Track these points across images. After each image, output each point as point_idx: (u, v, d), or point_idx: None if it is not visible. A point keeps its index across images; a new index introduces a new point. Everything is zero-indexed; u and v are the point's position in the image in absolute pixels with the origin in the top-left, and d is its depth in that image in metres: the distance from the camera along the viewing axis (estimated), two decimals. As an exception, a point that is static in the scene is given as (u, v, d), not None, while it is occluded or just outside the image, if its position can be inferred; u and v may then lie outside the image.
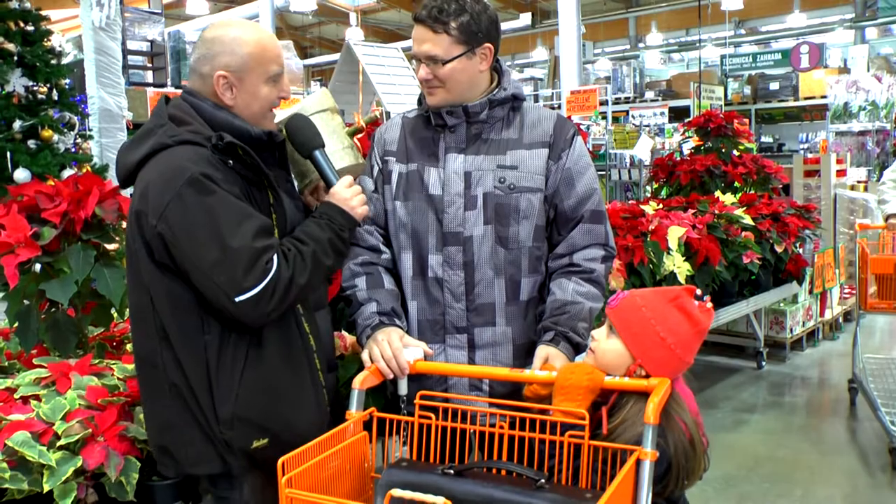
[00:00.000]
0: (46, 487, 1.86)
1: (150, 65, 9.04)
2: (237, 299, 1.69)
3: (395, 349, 1.91)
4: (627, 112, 14.32)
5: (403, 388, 1.88)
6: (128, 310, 2.02)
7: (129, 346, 2.70)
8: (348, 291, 2.10)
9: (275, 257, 1.73)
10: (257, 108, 1.90)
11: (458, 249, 2.03)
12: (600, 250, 2.09)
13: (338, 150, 2.02)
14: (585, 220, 2.08)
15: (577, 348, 1.96)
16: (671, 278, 4.08)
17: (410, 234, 2.07)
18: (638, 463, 1.51)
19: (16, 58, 4.14)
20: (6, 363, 2.52)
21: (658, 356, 1.69)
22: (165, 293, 1.78)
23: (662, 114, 13.70)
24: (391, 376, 1.90)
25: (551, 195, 2.07)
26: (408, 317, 2.09)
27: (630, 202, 5.11)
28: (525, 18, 17.27)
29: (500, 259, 2.03)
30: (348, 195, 1.94)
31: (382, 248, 2.13)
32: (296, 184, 2.11)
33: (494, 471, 1.60)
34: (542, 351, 1.94)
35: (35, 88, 4.24)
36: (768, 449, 4.29)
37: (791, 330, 5.95)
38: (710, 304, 1.74)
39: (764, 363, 5.73)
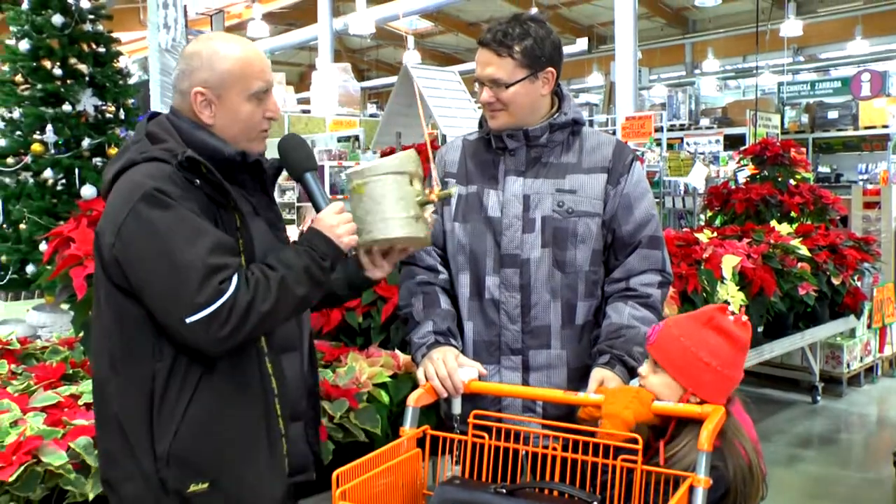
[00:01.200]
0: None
1: (210, 86, 9.27)
2: (187, 320, 1.54)
3: (450, 368, 1.91)
4: (682, 139, 14.18)
5: (457, 408, 1.89)
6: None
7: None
8: (405, 310, 2.12)
9: (234, 278, 1.58)
10: (239, 128, 1.76)
11: (515, 272, 2.04)
12: (657, 276, 2.09)
13: (399, 217, 1.83)
14: (643, 246, 2.08)
15: (632, 372, 1.95)
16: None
17: (468, 256, 2.09)
18: (691, 489, 1.50)
19: (87, 78, 4.30)
20: (71, 371, 2.60)
21: (707, 381, 1.68)
22: (120, 316, 1.65)
23: (717, 141, 13.53)
24: (445, 395, 1.91)
25: (609, 220, 2.08)
26: (463, 337, 2.10)
27: (684, 230, 5.06)
28: (581, 43, 17.28)
29: (556, 282, 2.04)
30: (335, 222, 1.74)
31: (440, 268, 2.15)
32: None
33: (546, 492, 1.60)
34: (598, 374, 1.93)
35: (104, 108, 4.40)
36: (822, 486, 4.18)
37: (848, 365, 5.80)
38: (745, 318, 1.73)
39: (819, 398, 5.60)
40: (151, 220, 1.58)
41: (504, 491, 1.57)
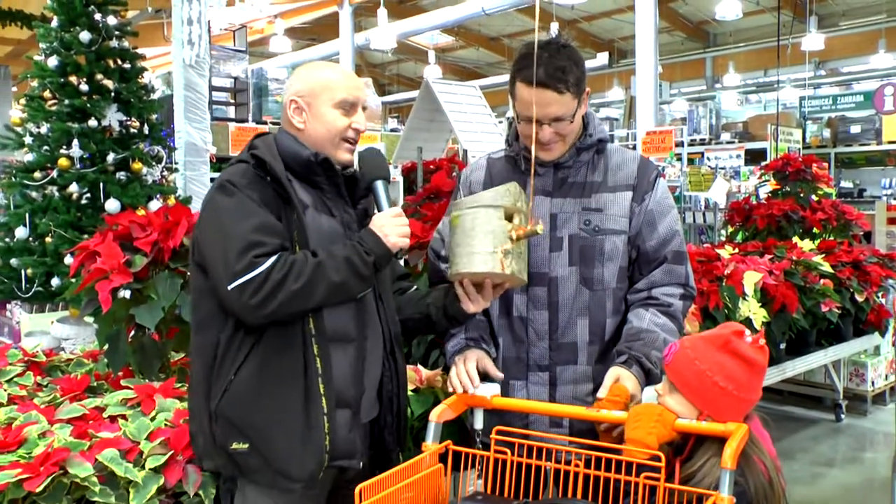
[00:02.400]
0: (133, 504, 1.93)
1: (232, 101, 9.37)
2: (229, 286, 1.77)
3: (468, 367, 1.97)
4: (703, 154, 14.14)
5: (479, 423, 1.89)
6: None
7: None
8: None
9: (272, 257, 1.79)
10: (323, 133, 1.98)
11: (543, 290, 2.06)
12: (679, 289, 2.11)
13: (484, 252, 1.84)
14: (667, 262, 2.10)
15: (649, 375, 1.96)
16: (746, 325, 4.00)
17: None
18: (714, 509, 1.49)
19: (112, 93, 4.36)
20: (95, 383, 2.63)
21: (723, 404, 1.67)
22: (197, 290, 1.95)
23: (738, 156, 13.47)
24: (460, 390, 1.94)
25: (634, 236, 2.09)
26: (497, 352, 2.12)
27: (705, 246, 5.04)
28: (602, 58, 17.30)
29: (584, 300, 2.06)
30: (386, 223, 1.91)
31: None
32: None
33: (569, 508, 1.60)
34: (614, 371, 1.95)
35: (128, 123, 4.45)
36: (847, 505, 4.13)
37: (873, 383, 5.73)
38: (762, 341, 1.72)
39: (843, 416, 5.53)
40: (216, 203, 1.88)
41: (526, 507, 1.57)
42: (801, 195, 6.18)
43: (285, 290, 1.77)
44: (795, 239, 5.55)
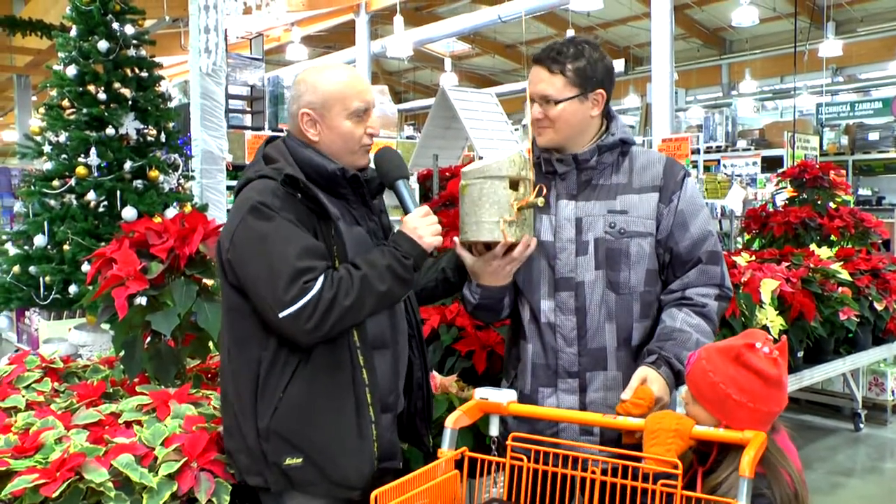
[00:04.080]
0: (147, 510, 1.93)
1: (249, 109, 9.41)
2: (280, 315, 1.79)
3: None
4: (719, 161, 14.08)
5: (494, 430, 1.89)
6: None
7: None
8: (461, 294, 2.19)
9: (320, 279, 1.80)
10: (341, 144, 1.98)
11: (570, 295, 2.05)
12: (715, 289, 2.08)
13: (489, 222, 1.93)
14: (702, 263, 2.08)
15: (679, 377, 1.94)
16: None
17: (523, 281, 2.10)
18: (731, 518, 1.48)
19: (130, 102, 4.39)
20: (111, 389, 2.65)
21: (740, 416, 1.66)
22: (233, 310, 1.94)
23: (755, 163, 13.41)
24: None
25: (665, 238, 2.07)
26: (525, 358, 2.12)
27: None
28: (618, 65, 17.22)
29: (611, 304, 2.04)
30: (419, 224, 1.94)
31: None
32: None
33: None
34: (642, 371, 1.93)
35: (145, 131, 4.48)
36: (867, 515, 4.09)
37: (893, 392, 5.67)
38: (776, 353, 1.69)
39: (862, 425, 5.47)
40: (254, 229, 1.85)
41: (541, 515, 1.56)
42: (819, 202, 6.13)
43: (338, 308, 1.80)
44: (813, 246, 5.50)
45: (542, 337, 2.08)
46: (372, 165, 2.10)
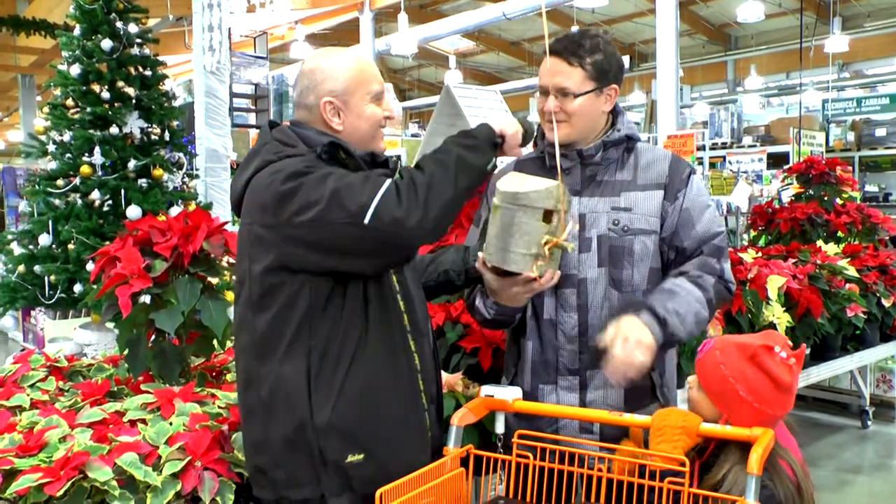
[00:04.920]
0: (151, 510, 1.93)
1: (253, 107, 9.40)
2: (366, 222, 1.63)
3: None
4: (724, 158, 14.02)
5: (500, 427, 1.87)
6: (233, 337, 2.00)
7: (228, 377, 2.80)
8: (470, 301, 2.14)
9: (388, 180, 1.69)
10: (366, 129, 1.89)
11: (573, 292, 2.03)
12: (714, 277, 2.04)
13: (517, 252, 1.84)
14: (703, 255, 2.06)
15: (664, 325, 1.89)
16: (770, 329, 3.95)
17: None
18: (740, 515, 1.46)
19: (134, 101, 4.38)
20: (115, 388, 2.64)
21: (742, 413, 1.65)
22: (269, 297, 1.74)
23: (760, 160, 13.35)
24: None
25: (670, 237, 2.05)
26: (525, 356, 2.10)
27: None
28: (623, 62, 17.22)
29: (613, 302, 2.02)
30: (504, 119, 1.90)
31: None
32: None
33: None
34: (623, 318, 1.88)
35: (149, 130, 4.47)
36: (875, 512, 4.07)
37: (900, 388, 5.65)
38: (792, 361, 1.68)
39: (870, 422, 5.45)
40: (300, 181, 1.67)
41: (547, 513, 1.55)
42: (826, 199, 6.10)
43: (422, 183, 1.67)
44: (820, 243, 5.47)
45: (544, 334, 2.06)
46: (388, 151, 2.02)
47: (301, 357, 1.73)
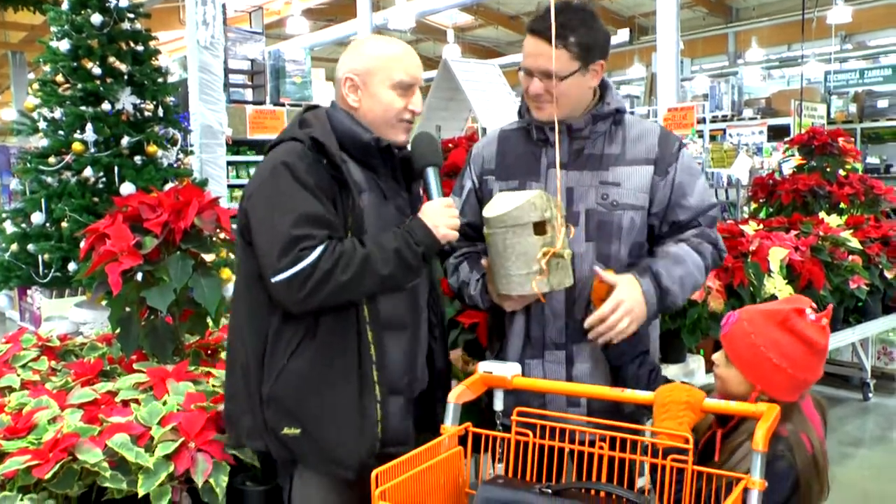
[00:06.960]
0: (142, 491, 1.90)
1: (249, 83, 9.30)
2: (273, 279, 1.76)
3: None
4: (725, 130, 13.93)
5: (499, 404, 1.84)
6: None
7: (223, 355, 2.75)
8: (453, 281, 2.13)
9: (318, 248, 1.75)
10: (378, 113, 1.92)
11: None
12: (711, 245, 2.06)
13: (518, 275, 1.84)
14: (700, 226, 2.07)
15: (664, 294, 1.93)
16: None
17: None
18: (746, 492, 1.42)
19: (126, 76, 4.31)
20: (108, 367, 2.60)
21: (776, 381, 1.63)
22: (247, 271, 1.90)
23: (761, 132, 13.25)
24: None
25: (664, 210, 2.03)
26: (512, 330, 2.06)
27: (728, 222, 4.94)
28: (623, 34, 17.05)
29: None
30: (438, 214, 1.88)
31: (479, 243, 2.12)
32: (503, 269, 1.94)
33: (593, 492, 1.54)
34: (624, 278, 1.92)
35: (142, 106, 4.40)
36: (878, 485, 4.05)
37: (902, 360, 5.62)
38: (824, 321, 1.65)
39: (871, 395, 5.42)
40: (268, 189, 1.83)
41: (549, 491, 1.52)
42: (828, 170, 6.03)
43: (333, 281, 1.76)
44: (822, 214, 5.42)
45: (530, 308, 2.03)
46: (409, 147, 2.03)
47: (263, 329, 1.87)
